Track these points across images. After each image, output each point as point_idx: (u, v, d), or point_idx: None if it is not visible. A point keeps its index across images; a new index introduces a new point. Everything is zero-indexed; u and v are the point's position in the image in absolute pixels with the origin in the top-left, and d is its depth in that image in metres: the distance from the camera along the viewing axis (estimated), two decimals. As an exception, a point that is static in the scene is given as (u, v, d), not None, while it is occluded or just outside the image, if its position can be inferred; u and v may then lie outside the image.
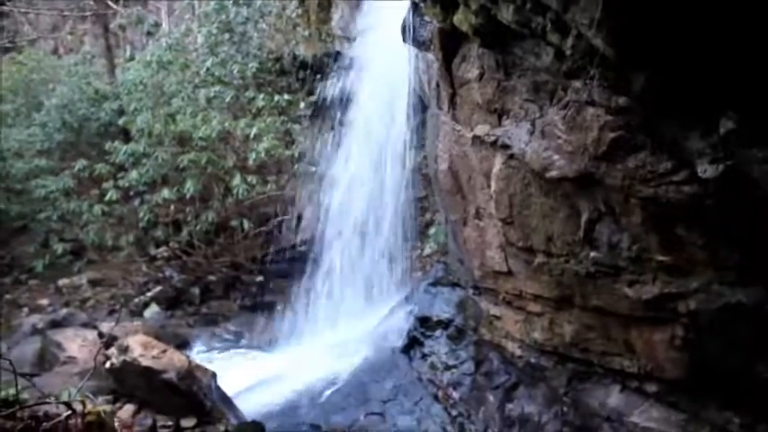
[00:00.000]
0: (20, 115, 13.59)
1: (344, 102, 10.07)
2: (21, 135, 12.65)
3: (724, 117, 3.71)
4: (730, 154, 3.80)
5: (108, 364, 7.15)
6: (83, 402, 3.60)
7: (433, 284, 8.14)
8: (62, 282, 11.62)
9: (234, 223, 10.76)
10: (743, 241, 4.31)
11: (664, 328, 5.12)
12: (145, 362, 6.97)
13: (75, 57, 16.05)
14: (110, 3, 16.55)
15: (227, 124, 10.31)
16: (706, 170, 3.93)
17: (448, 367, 7.24)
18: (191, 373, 7.01)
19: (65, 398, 3.79)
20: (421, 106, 8.33)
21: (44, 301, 11.10)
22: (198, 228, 10.63)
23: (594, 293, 5.47)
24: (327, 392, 7.65)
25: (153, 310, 10.52)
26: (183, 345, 9.06)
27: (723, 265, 4.54)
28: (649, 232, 4.73)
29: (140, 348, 7.10)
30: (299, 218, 10.61)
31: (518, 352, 6.65)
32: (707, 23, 3.36)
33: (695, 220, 4.41)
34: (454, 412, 7.04)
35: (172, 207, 10.83)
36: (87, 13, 16.58)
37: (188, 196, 10.37)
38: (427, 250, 9.47)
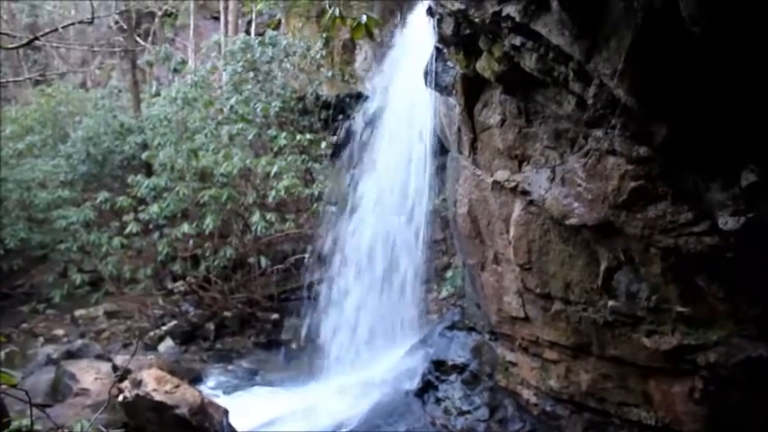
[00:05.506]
0: (46, 146, 13.78)
1: (365, 143, 10.13)
2: (46, 166, 12.81)
3: (746, 170, 3.71)
4: (752, 206, 3.79)
5: (121, 398, 7.13)
6: (95, 436, 3.58)
7: (449, 328, 8.08)
8: (79, 312, 11.69)
9: (251, 260, 10.82)
10: (764, 294, 4.27)
11: (683, 380, 5.06)
12: (158, 396, 6.95)
13: (103, 90, 16.33)
14: (138, 39, 16.93)
15: (248, 161, 10.41)
16: (727, 222, 3.92)
17: (462, 413, 7.14)
18: (203, 408, 6.98)
19: (77, 430, 3.78)
20: (441, 149, 8.37)
21: (60, 332, 11.15)
22: (216, 263, 10.67)
23: (612, 342, 5.43)
24: (339, 434, 7.57)
25: (167, 345, 10.51)
26: (196, 380, 9.01)
27: (744, 319, 4.50)
28: (669, 283, 4.71)
29: (154, 382, 7.09)
30: (317, 257, 10.61)
31: (533, 399, 6.57)
32: (729, 77, 3.38)
33: (716, 271, 4.38)
34: (467, 459, 6.94)
35: (191, 242, 10.88)
36: (116, 49, 16.94)
37: (207, 231, 10.44)
38: (444, 293, 9.44)
